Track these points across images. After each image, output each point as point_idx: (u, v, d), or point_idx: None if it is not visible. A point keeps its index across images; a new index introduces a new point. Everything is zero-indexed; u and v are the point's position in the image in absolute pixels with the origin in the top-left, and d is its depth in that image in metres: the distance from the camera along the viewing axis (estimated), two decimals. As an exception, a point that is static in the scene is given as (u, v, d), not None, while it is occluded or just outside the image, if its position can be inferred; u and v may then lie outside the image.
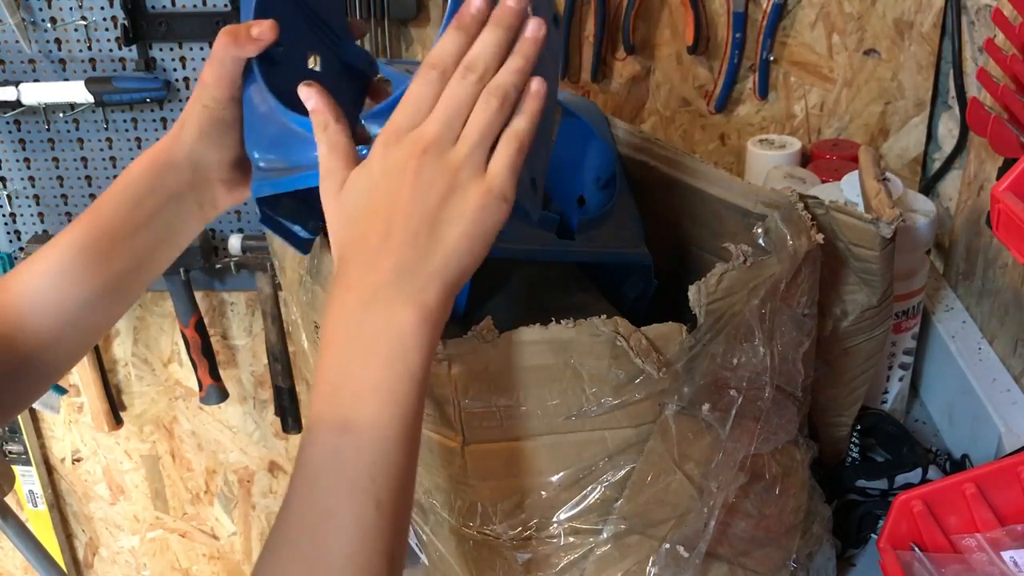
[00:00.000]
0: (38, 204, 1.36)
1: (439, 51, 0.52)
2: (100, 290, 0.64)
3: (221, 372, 1.44)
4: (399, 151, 0.51)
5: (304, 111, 0.56)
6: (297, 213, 0.64)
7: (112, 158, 1.32)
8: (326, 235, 0.72)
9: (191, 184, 0.65)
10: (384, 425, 0.48)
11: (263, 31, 0.60)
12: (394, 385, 0.48)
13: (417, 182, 0.50)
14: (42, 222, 1.37)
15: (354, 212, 0.52)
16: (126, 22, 1.20)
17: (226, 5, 1.20)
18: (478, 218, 0.50)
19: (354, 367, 0.49)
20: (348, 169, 0.53)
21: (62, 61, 1.26)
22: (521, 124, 0.52)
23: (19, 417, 1.52)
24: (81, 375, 1.45)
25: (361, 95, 0.73)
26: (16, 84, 1.25)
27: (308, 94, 0.55)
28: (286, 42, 0.62)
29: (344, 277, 0.51)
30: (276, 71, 0.62)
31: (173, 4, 1.21)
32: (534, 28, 0.53)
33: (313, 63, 0.68)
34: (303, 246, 0.65)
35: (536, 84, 0.53)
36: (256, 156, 0.61)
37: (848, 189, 0.89)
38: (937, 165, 1.18)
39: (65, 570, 1.37)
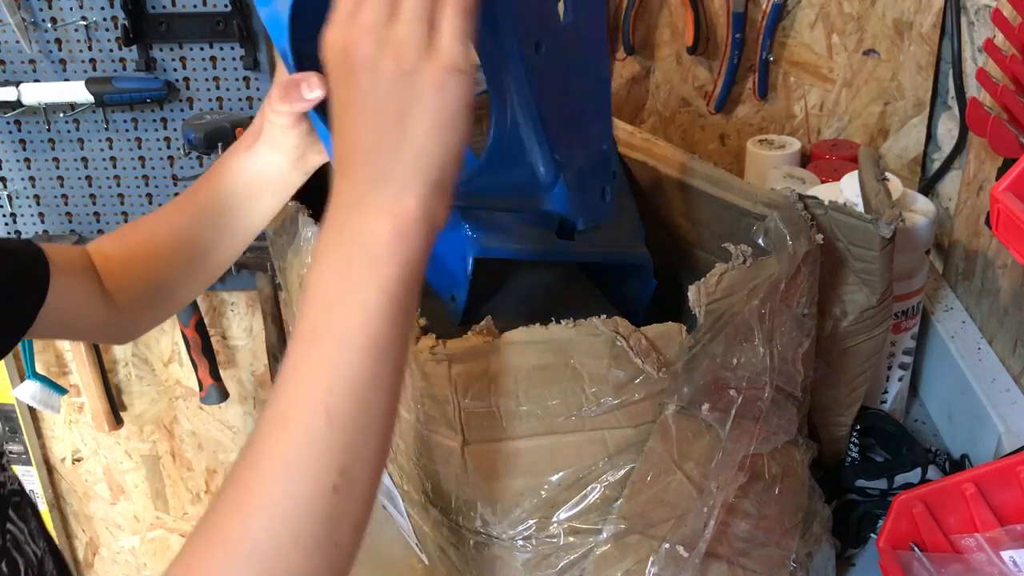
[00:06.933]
0: (38, 204, 1.36)
1: None
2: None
3: (221, 372, 1.44)
4: (338, 52, 0.48)
5: None
6: None
7: (112, 158, 1.32)
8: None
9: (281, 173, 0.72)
10: (348, 336, 0.46)
11: (311, 86, 0.61)
12: (363, 296, 0.46)
13: (363, 73, 0.47)
14: (42, 222, 1.37)
15: (336, 128, 0.50)
16: (126, 22, 1.20)
17: (226, 6, 1.21)
18: (438, 102, 0.46)
19: (329, 279, 0.48)
20: None
21: (62, 61, 1.26)
22: None
23: (19, 417, 1.52)
24: (81, 375, 1.45)
25: None
26: (17, 84, 1.25)
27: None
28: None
29: (333, 193, 0.50)
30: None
31: (173, 4, 1.21)
32: None
33: None
34: None
35: None
36: None
37: (848, 189, 0.89)
38: (937, 165, 1.18)
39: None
